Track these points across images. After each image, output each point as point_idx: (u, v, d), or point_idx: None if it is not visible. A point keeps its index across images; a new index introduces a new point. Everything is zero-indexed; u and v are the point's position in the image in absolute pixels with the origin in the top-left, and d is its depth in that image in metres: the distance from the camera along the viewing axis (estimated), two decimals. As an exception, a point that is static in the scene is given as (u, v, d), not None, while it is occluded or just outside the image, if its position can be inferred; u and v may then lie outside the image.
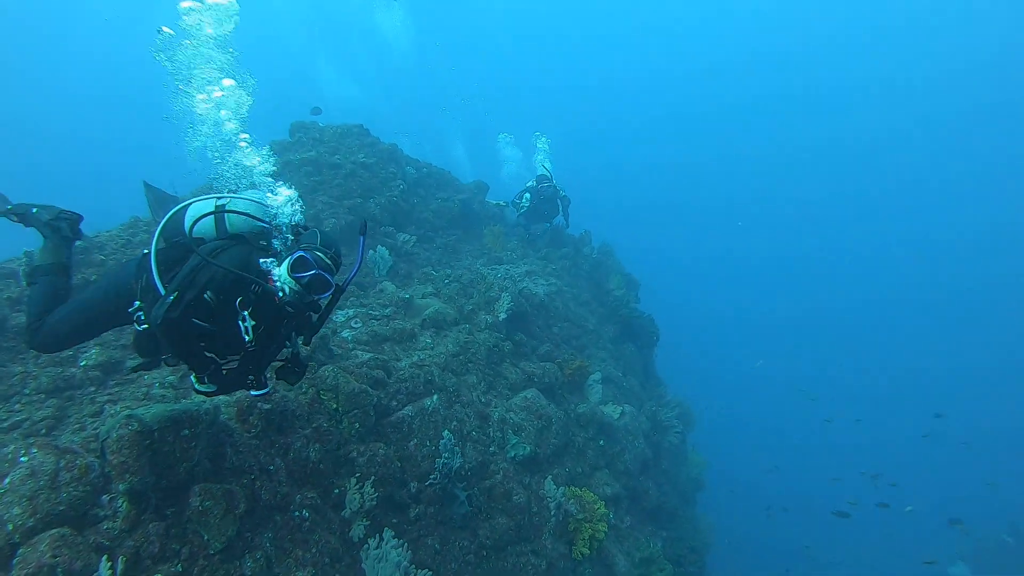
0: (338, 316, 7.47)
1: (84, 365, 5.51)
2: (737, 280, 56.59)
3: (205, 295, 3.14)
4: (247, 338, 3.23)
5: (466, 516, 5.91)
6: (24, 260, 6.42)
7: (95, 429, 4.52)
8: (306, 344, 3.63)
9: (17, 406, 5.06)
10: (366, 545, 4.72)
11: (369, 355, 6.38)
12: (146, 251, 3.51)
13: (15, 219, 3.95)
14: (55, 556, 3.32)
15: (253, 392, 3.53)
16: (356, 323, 7.29)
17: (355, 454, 5.29)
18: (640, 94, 63.02)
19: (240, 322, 3.22)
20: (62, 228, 3.84)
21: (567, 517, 6.58)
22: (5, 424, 4.84)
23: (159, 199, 4.49)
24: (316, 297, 3.30)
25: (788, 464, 27.93)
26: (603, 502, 6.95)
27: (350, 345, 6.67)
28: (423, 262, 10.48)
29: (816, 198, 60.58)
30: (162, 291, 3.22)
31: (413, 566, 4.81)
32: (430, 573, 4.87)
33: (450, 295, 8.64)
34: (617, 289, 13.40)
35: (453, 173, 14.52)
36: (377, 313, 7.69)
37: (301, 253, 3.24)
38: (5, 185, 4.30)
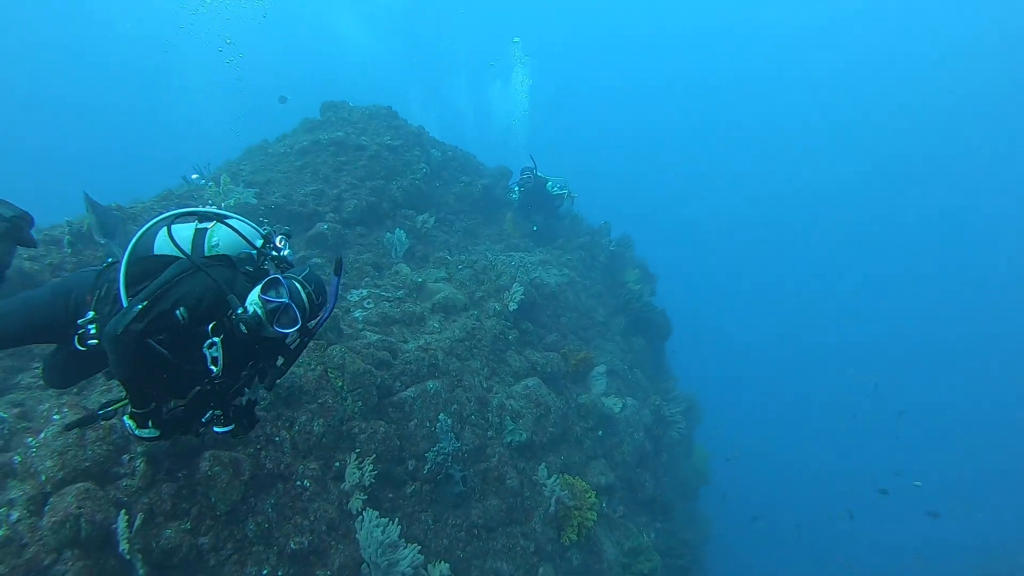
0: (351, 295, 7.81)
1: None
2: (764, 280, 56.11)
3: (177, 311, 2.78)
4: (214, 369, 2.87)
5: (460, 496, 6.23)
6: (66, 228, 6.85)
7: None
8: (268, 390, 3.23)
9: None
10: (360, 517, 5.06)
11: (377, 336, 6.70)
12: (111, 260, 3.23)
13: None
14: (79, 507, 3.70)
15: (218, 429, 3.12)
16: (368, 304, 7.62)
17: (357, 430, 5.63)
18: (674, 93, 62.94)
19: (206, 349, 2.86)
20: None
21: (558, 503, 6.87)
22: (43, 381, 5.27)
23: (102, 215, 3.99)
24: (277, 330, 2.92)
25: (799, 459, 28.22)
26: (594, 491, 7.22)
27: (360, 325, 7.00)
28: (441, 245, 10.77)
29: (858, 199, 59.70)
30: (123, 299, 2.91)
31: (403, 539, 5.14)
32: (418, 547, 5.19)
33: (462, 281, 8.91)
34: (632, 282, 13.55)
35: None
36: (389, 295, 8.01)
37: (278, 276, 2.94)
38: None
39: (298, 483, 4.99)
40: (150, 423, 2.92)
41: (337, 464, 5.38)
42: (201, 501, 4.24)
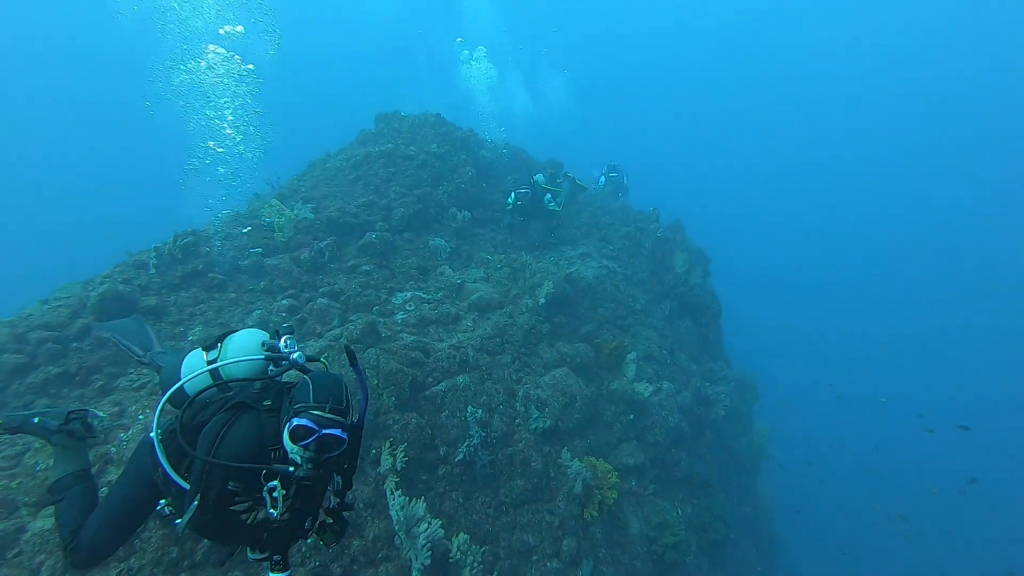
0: (396, 299, 8.72)
1: (191, 340, 7.10)
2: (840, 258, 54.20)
3: (229, 486, 2.78)
4: (274, 512, 2.80)
5: (488, 477, 7.04)
6: (152, 253, 8.08)
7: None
8: (348, 488, 3.19)
9: (144, 371, 6.69)
10: (391, 496, 5.95)
11: (412, 338, 7.58)
12: (151, 434, 3.08)
13: (4, 432, 3.48)
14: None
15: (271, 575, 2.97)
16: (410, 306, 8.50)
17: (391, 422, 6.52)
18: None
19: (267, 494, 2.80)
20: (76, 430, 3.44)
21: (581, 483, 7.54)
22: (136, 383, 6.48)
23: (126, 329, 3.99)
24: (332, 455, 2.82)
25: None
26: (616, 471, 7.83)
27: (399, 327, 7.89)
28: (487, 243, 11.53)
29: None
30: (179, 482, 2.92)
31: (428, 515, 6.00)
32: (440, 521, 6.03)
33: (499, 280, 9.65)
34: (679, 266, 13.82)
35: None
36: (429, 297, 8.87)
37: (296, 422, 2.75)
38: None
39: (338, 468, 5.92)
40: (270, 554, 2.95)
41: (373, 451, 6.30)
42: (255, 484, 5.23)
